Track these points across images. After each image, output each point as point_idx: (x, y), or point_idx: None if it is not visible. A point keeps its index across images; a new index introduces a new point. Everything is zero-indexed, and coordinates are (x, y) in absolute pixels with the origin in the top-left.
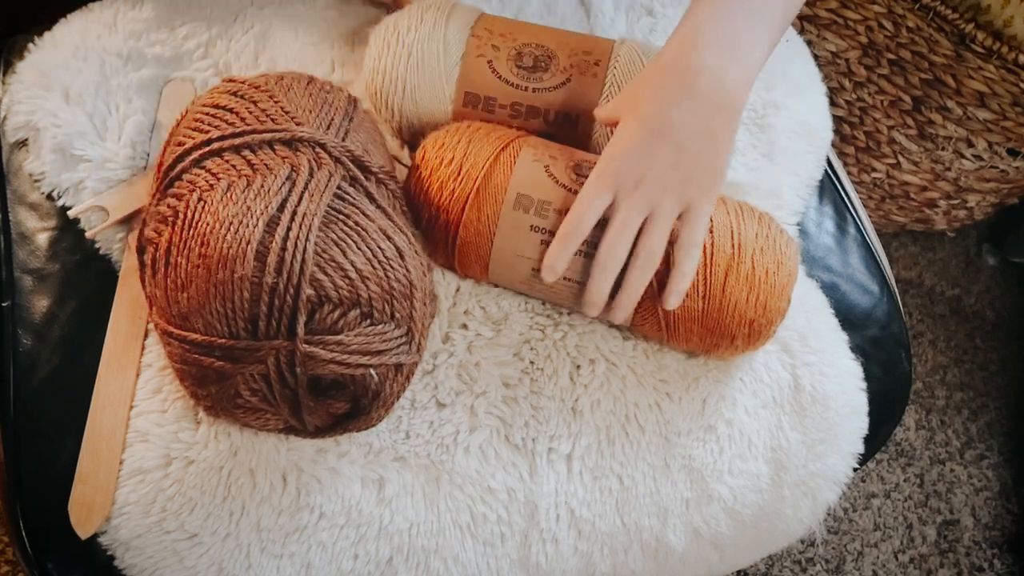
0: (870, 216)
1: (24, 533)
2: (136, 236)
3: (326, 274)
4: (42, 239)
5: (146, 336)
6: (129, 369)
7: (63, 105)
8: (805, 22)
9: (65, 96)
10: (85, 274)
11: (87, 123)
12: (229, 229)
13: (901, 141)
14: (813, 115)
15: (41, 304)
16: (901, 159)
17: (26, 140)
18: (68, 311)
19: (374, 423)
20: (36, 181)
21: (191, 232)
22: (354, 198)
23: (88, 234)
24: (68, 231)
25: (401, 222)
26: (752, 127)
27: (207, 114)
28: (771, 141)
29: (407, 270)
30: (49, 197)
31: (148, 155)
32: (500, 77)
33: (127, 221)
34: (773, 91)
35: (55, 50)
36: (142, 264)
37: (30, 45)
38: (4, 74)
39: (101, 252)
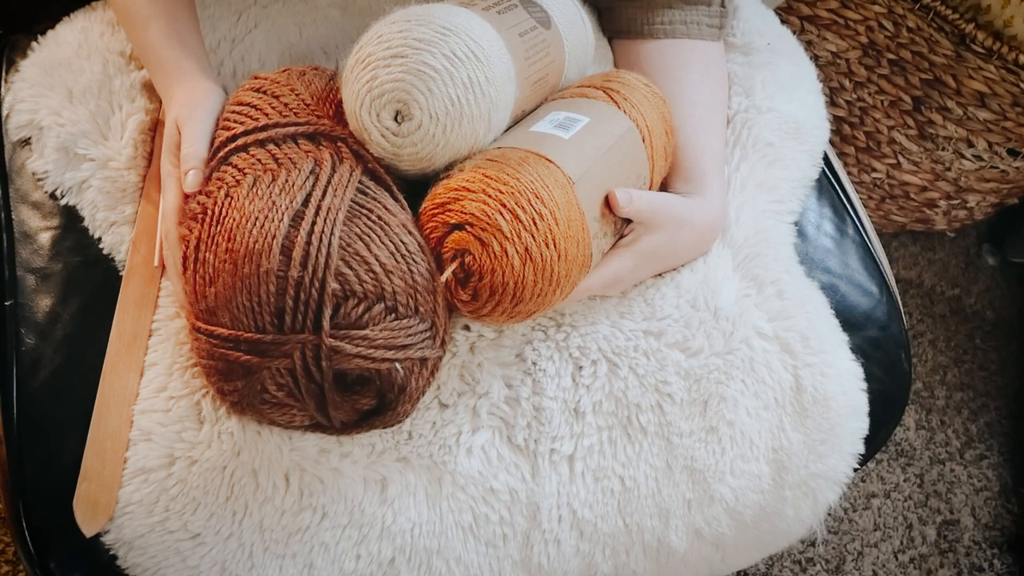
0: (870, 216)
1: (27, 532)
2: (138, 235)
3: (351, 268)
4: (45, 238)
5: (150, 336)
6: (133, 368)
7: (66, 104)
8: (805, 22)
9: (68, 95)
10: (88, 273)
11: (90, 122)
12: (255, 224)
13: (901, 141)
14: (804, 114)
15: (44, 303)
16: (901, 159)
17: (29, 139)
18: (71, 310)
19: (400, 419)
20: (39, 180)
21: (218, 228)
22: (375, 192)
23: None
24: (71, 230)
25: None
26: (740, 130)
27: (234, 112)
28: (761, 143)
29: (430, 264)
30: (52, 196)
31: (151, 154)
32: None
33: (131, 221)
34: (753, 96)
35: (58, 49)
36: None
37: (33, 44)
38: (7, 72)
39: (104, 252)
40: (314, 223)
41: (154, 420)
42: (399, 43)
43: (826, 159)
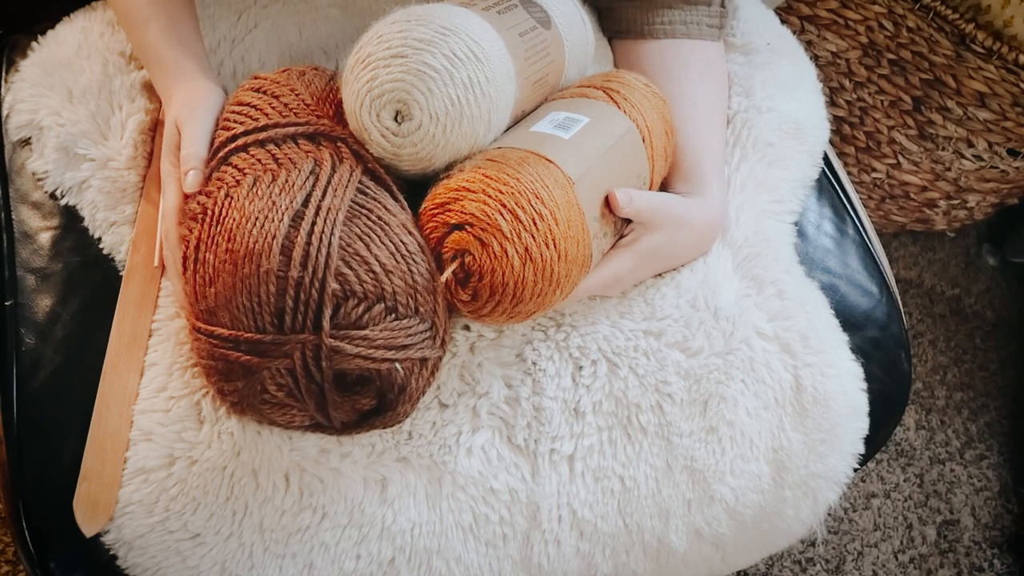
0: (870, 216)
1: (27, 532)
2: (138, 235)
3: (351, 268)
4: (45, 238)
5: (150, 336)
6: (133, 368)
7: (66, 104)
8: (805, 22)
9: (68, 95)
10: (88, 273)
11: (90, 122)
12: (255, 224)
13: (901, 141)
14: (804, 114)
15: (44, 303)
16: (901, 159)
17: (29, 139)
18: (71, 310)
19: (400, 419)
20: (39, 180)
21: (218, 228)
22: (375, 192)
23: None
24: (71, 230)
25: None
26: (740, 130)
27: (234, 112)
28: (761, 143)
29: (430, 264)
30: (52, 196)
31: (151, 154)
32: None
33: (131, 221)
34: (753, 96)
35: (58, 49)
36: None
37: (33, 44)
38: (7, 72)
39: (104, 252)
40: (314, 223)
41: (154, 420)
42: (399, 43)
43: (826, 159)
